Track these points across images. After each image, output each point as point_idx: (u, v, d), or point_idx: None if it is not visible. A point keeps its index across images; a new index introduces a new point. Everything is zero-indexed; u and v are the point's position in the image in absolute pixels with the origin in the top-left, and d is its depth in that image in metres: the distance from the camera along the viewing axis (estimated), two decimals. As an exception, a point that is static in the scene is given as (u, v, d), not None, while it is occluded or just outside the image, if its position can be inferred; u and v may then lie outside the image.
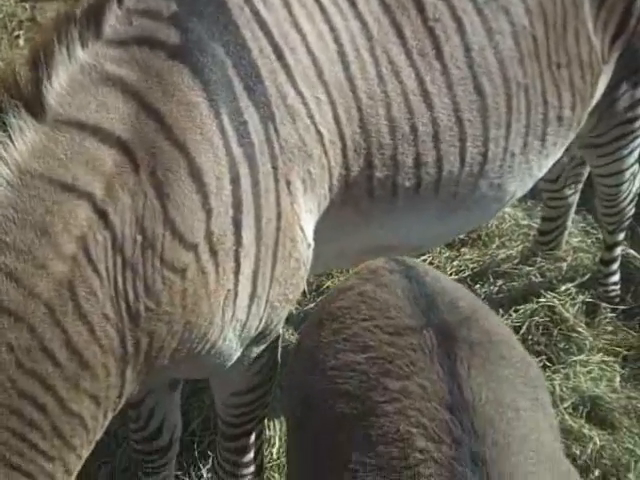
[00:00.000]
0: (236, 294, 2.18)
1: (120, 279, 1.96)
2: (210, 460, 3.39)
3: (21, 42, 5.33)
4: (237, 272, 2.16)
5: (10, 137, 1.87)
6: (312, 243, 2.42)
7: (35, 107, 1.91)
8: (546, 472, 1.79)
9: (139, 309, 2.00)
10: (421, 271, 2.19)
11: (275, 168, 2.23)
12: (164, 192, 2.02)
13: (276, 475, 3.28)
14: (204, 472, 3.35)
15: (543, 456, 1.82)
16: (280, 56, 2.28)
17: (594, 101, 3.01)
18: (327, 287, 4.02)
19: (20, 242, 1.84)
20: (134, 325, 2.00)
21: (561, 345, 3.79)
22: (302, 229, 2.35)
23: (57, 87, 1.94)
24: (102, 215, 1.94)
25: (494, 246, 4.35)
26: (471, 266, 4.26)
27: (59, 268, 1.87)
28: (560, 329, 3.84)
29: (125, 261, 1.97)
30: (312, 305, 3.89)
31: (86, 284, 1.91)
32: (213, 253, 2.10)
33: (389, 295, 2.10)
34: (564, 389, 3.60)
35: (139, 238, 1.98)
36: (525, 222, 4.48)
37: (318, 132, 2.33)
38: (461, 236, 4.14)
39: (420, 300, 2.06)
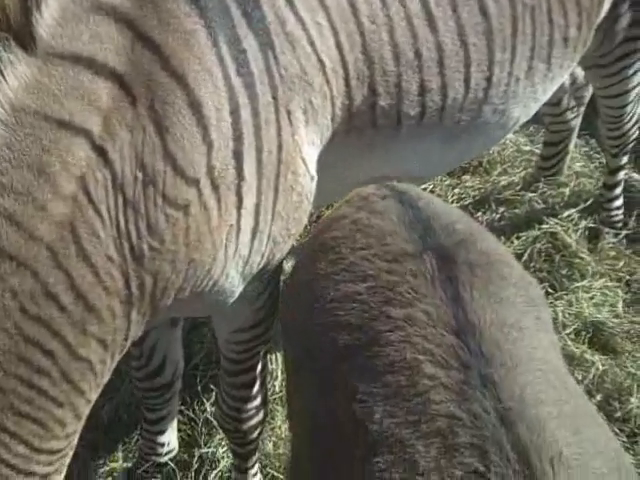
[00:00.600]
0: (239, 229, 2.12)
1: (122, 219, 1.90)
2: (213, 394, 3.39)
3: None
4: (239, 207, 2.10)
5: (1, 72, 1.77)
6: (315, 175, 2.35)
7: (25, 39, 1.80)
8: (553, 390, 1.77)
9: (143, 249, 1.94)
10: (414, 195, 2.14)
11: (275, 98, 2.15)
12: (163, 126, 1.93)
13: (279, 408, 3.29)
14: (207, 406, 3.36)
15: (550, 374, 1.81)
16: None
17: (599, 19, 2.92)
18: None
19: (18, 183, 1.77)
20: (138, 266, 1.94)
21: (563, 271, 3.77)
22: (304, 161, 2.28)
23: (47, 17, 1.83)
24: (101, 153, 1.86)
25: (496, 173, 4.30)
26: (472, 194, 4.21)
27: (59, 209, 1.80)
28: (562, 255, 3.82)
29: (126, 200, 1.90)
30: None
31: (88, 225, 1.84)
32: (215, 188, 2.03)
33: (384, 222, 2.05)
34: (566, 315, 3.59)
35: (139, 175, 1.91)
36: (527, 148, 4.41)
37: (319, 60, 2.24)
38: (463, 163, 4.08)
39: (416, 225, 2.01)
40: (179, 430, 3.28)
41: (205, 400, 3.36)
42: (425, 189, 4.04)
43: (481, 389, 1.68)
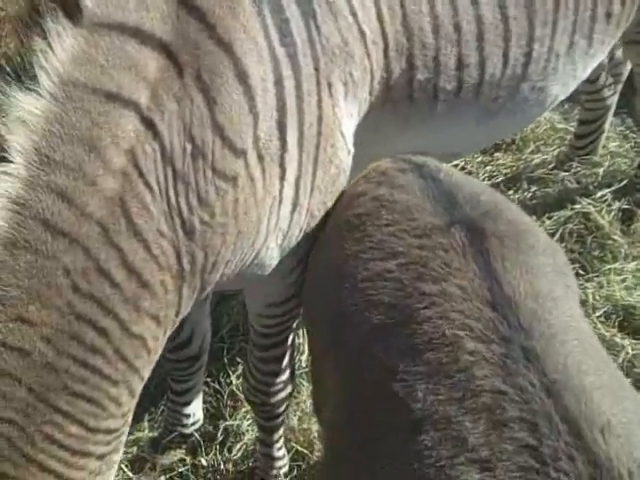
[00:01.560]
0: (280, 201, 2.10)
1: (172, 192, 1.86)
2: (239, 367, 3.39)
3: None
4: (282, 178, 2.07)
5: (50, 44, 1.74)
6: (352, 149, 2.32)
7: (71, 9, 1.77)
8: (592, 359, 1.75)
9: (193, 223, 1.91)
10: (433, 168, 2.10)
11: (317, 70, 2.11)
12: (211, 96, 1.89)
13: (305, 383, 3.28)
14: (233, 379, 3.36)
15: (586, 344, 1.79)
16: None
17: None
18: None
19: (69, 159, 1.74)
20: (189, 240, 1.91)
21: (595, 253, 3.72)
22: (343, 134, 2.24)
23: None
24: (149, 125, 1.82)
25: (528, 151, 4.23)
26: (504, 171, 4.15)
27: (109, 184, 1.77)
28: (595, 236, 3.76)
29: (176, 173, 1.86)
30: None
31: (138, 199, 1.81)
32: (260, 159, 2.00)
33: (407, 196, 2.02)
34: (597, 297, 3.53)
35: (188, 147, 1.87)
36: (561, 126, 4.34)
37: (361, 31, 2.19)
38: (497, 141, 4.02)
39: (440, 198, 1.98)
40: (204, 402, 3.29)
41: (231, 373, 3.36)
42: (456, 166, 3.99)
43: (524, 362, 1.66)
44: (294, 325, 2.60)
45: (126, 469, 3.13)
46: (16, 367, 1.68)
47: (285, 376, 2.73)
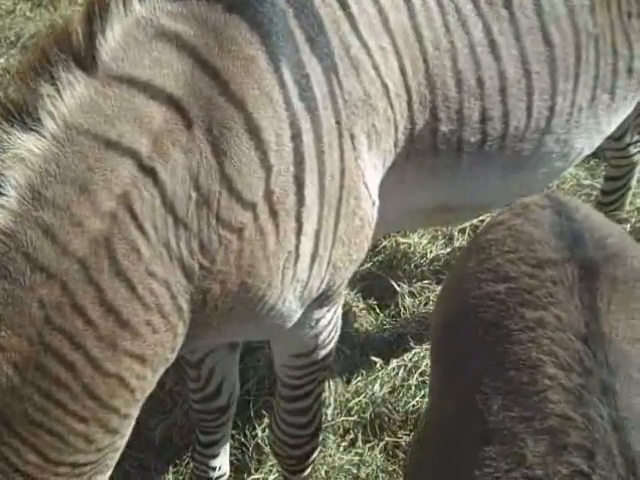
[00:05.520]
0: (297, 255, 2.12)
1: (172, 237, 1.91)
2: (265, 420, 3.39)
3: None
4: (299, 233, 2.10)
5: (59, 91, 1.82)
6: (377, 201, 2.35)
7: (87, 61, 1.86)
8: None
9: (193, 267, 1.95)
10: (572, 207, 2.18)
11: (339, 123, 2.16)
12: (220, 149, 1.95)
13: (331, 436, 3.27)
14: (259, 431, 3.35)
15: None
16: (344, 4, 2.19)
17: None
18: (384, 247, 3.96)
19: (59, 198, 1.80)
20: (188, 282, 1.95)
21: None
22: (366, 186, 2.27)
23: (111, 41, 1.88)
24: (149, 172, 1.88)
25: (555, 206, 4.22)
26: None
27: (96, 225, 1.82)
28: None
29: (177, 219, 1.91)
30: (369, 265, 3.85)
31: (127, 241, 1.85)
32: (273, 213, 2.04)
33: (536, 229, 2.11)
34: None
35: (193, 195, 1.92)
36: (587, 182, 4.34)
37: (383, 84, 2.25)
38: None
39: (566, 235, 2.05)
40: (230, 455, 3.28)
41: (257, 425, 3.36)
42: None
43: (599, 396, 1.71)
44: (322, 377, 2.61)
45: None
46: None
47: (312, 429, 2.72)
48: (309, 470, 2.89)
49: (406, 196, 2.54)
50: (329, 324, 2.40)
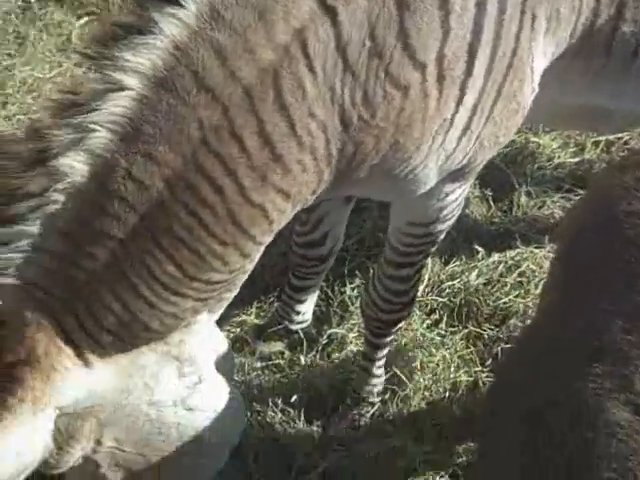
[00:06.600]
0: (451, 125, 2.07)
1: (338, 82, 1.87)
2: (356, 280, 3.42)
3: None
4: (459, 102, 2.04)
5: None
6: (537, 89, 2.25)
7: None
8: None
9: (352, 117, 1.92)
10: None
11: None
12: (404, 1, 1.87)
13: (417, 312, 3.28)
14: (348, 289, 3.39)
15: None
16: None
17: None
18: (513, 141, 3.83)
19: (237, 21, 1.76)
20: (344, 130, 1.93)
21: None
22: (532, 71, 2.18)
23: None
24: (329, 11, 1.82)
25: None
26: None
27: (267, 56, 1.79)
28: None
29: (347, 65, 1.87)
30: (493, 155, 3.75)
31: (295, 77, 1.83)
32: (440, 77, 1.98)
33: None
34: None
35: (367, 44, 1.87)
36: None
37: None
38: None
39: None
40: (315, 305, 3.34)
41: (348, 283, 3.39)
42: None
43: None
44: (430, 251, 2.59)
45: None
46: (134, 196, 1.76)
47: (406, 298, 2.73)
48: (391, 337, 2.93)
49: (564, 92, 2.43)
50: (455, 200, 2.36)
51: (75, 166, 1.73)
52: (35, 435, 1.79)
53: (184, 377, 2.03)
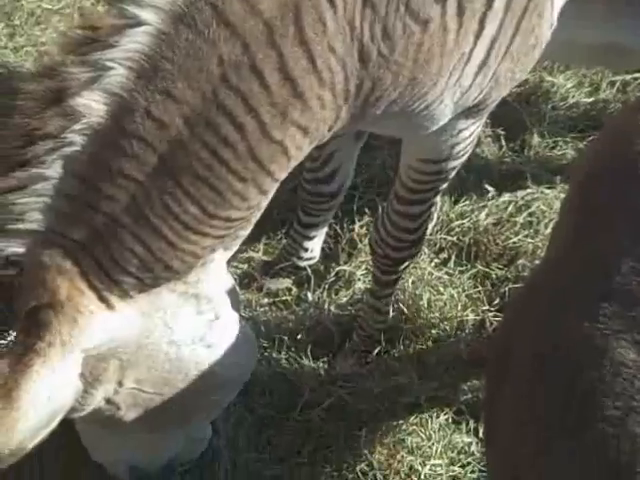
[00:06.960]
0: (468, 59, 2.03)
1: (358, 16, 1.83)
2: (365, 217, 3.40)
3: None
4: (477, 36, 2.00)
5: None
6: (555, 24, 2.20)
7: None
8: None
9: (371, 52, 1.88)
10: None
11: None
12: None
13: (426, 250, 3.26)
14: (356, 227, 3.38)
15: None
16: None
17: None
18: (526, 80, 3.77)
19: None
20: (362, 66, 1.89)
21: None
22: (552, 5, 2.13)
23: None
24: None
25: None
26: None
27: None
28: None
29: None
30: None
31: (316, 11, 1.78)
32: (460, 10, 1.93)
33: None
34: None
35: None
36: None
37: None
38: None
39: None
40: (323, 242, 3.33)
41: (357, 220, 3.38)
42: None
43: None
44: (441, 188, 2.57)
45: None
46: (153, 136, 1.73)
47: (415, 236, 2.72)
48: (399, 275, 2.92)
49: (583, 27, 2.40)
50: (469, 137, 2.33)
51: (92, 106, 1.68)
52: (65, 379, 1.77)
53: (202, 315, 2.02)
